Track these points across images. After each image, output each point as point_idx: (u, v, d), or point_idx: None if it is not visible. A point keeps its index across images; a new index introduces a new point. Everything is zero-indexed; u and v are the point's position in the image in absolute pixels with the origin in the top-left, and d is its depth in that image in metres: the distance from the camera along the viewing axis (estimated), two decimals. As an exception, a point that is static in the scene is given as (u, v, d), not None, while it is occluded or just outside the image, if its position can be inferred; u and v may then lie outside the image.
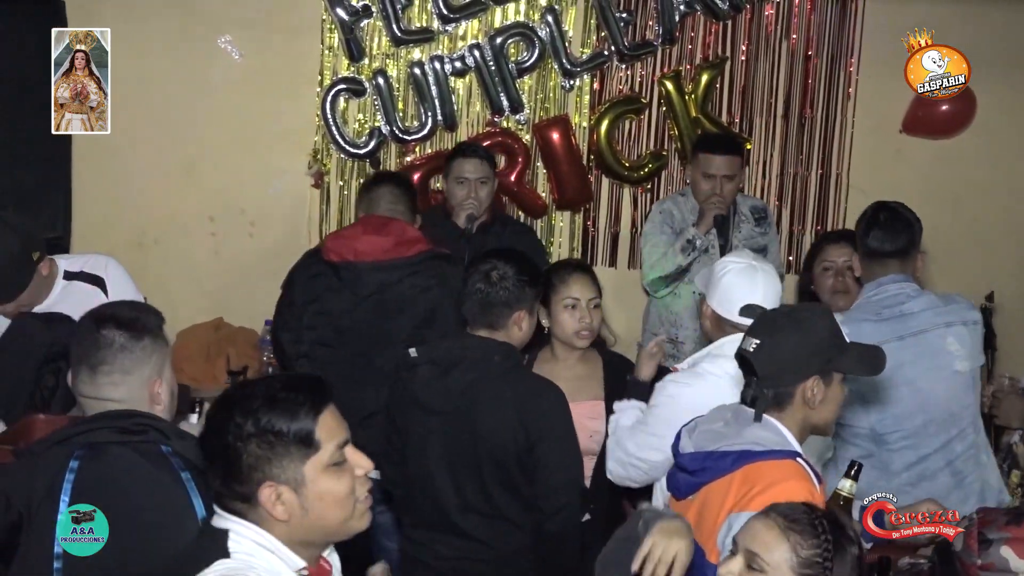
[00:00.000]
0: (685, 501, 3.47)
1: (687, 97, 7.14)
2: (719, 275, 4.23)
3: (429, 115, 6.95)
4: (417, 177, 6.92)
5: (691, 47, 7.17)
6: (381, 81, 6.88)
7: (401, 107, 6.96)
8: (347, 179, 6.95)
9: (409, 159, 7.00)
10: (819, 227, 7.34)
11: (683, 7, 7.08)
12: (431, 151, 7.02)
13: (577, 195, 7.15)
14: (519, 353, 4.34)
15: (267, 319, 6.37)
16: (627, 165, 7.17)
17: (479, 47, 6.94)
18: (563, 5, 6.99)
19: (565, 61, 7.02)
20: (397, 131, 6.94)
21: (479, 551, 4.24)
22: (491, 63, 6.95)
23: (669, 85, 7.12)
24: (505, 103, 7.01)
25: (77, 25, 6.51)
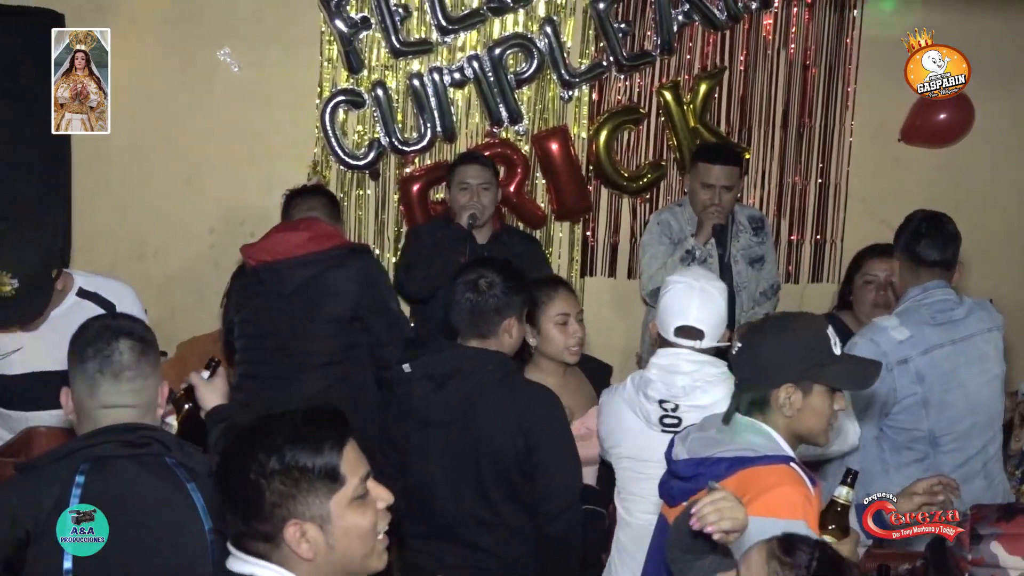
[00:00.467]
0: (679, 508, 3.48)
1: (686, 107, 7.15)
2: (662, 292, 4.29)
3: (428, 126, 6.96)
4: (417, 188, 6.95)
5: (689, 57, 7.19)
6: (380, 92, 6.89)
7: (400, 118, 6.97)
8: (347, 190, 6.95)
9: (408, 170, 7.01)
10: (818, 236, 7.37)
11: (681, 17, 7.09)
12: (430, 162, 7.03)
13: (576, 205, 7.16)
14: (512, 360, 4.35)
15: (267, 330, 6.41)
16: (626, 175, 7.18)
17: (478, 58, 6.95)
18: (561, 16, 7.01)
19: (564, 72, 7.03)
20: (396, 142, 6.95)
21: (483, 559, 4.24)
22: (490, 74, 6.96)
23: (668, 95, 7.14)
24: (504, 114, 7.02)
25: (77, 41, 6.57)
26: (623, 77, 7.14)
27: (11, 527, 3.19)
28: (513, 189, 6.92)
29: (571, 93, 7.09)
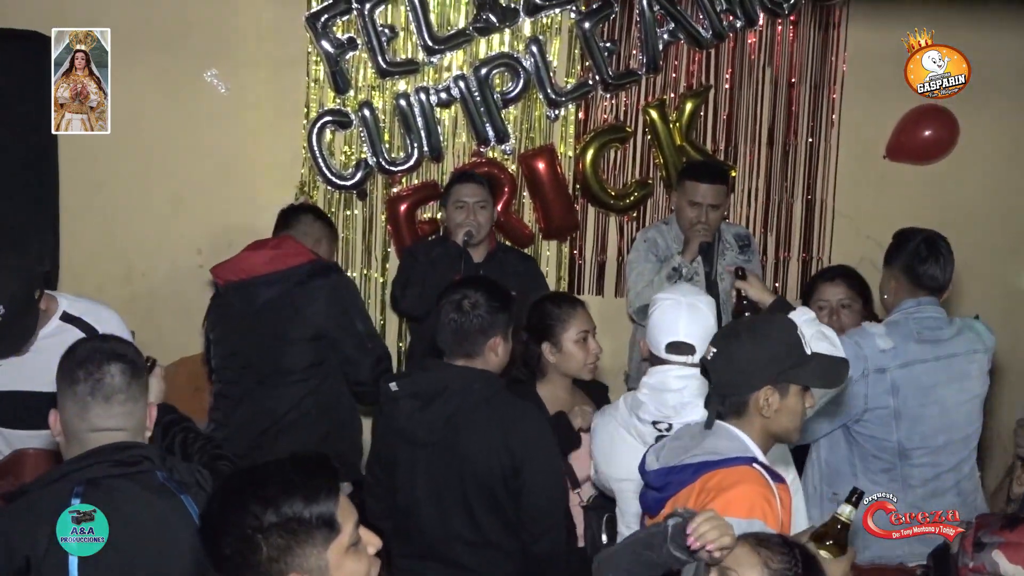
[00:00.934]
0: (657, 519, 3.51)
1: (672, 125, 7.18)
2: (651, 310, 4.32)
3: (415, 146, 6.97)
4: (404, 208, 6.95)
5: (675, 76, 7.21)
6: (367, 113, 6.90)
7: (387, 138, 6.98)
8: (334, 211, 6.93)
9: (396, 190, 7.01)
10: (804, 254, 7.38)
11: (667, 36, 7.12)
12: (417, 182, 7.04)
13: (563, 224, 7.17)
14: (499, 379, 4.36)
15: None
16: (613, 194, 7.20)
17: (464, 78, 6.96)
18: (547, 35, 7.03)
19: (550, 91, 7.05)
20: (383, 162, 6.95)
21: (468, 579, 4.25)
22: (476, 94, 6.97)
23: (654, 114, 7.16)
24: (491, 133, 7.03)
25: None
26: (609, 96, 7.16)
27: (8, 556, 3.18)
28: (500, 208, 6.92)
29: (557, 112, 7.11)
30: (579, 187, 7.20)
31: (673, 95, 7.22)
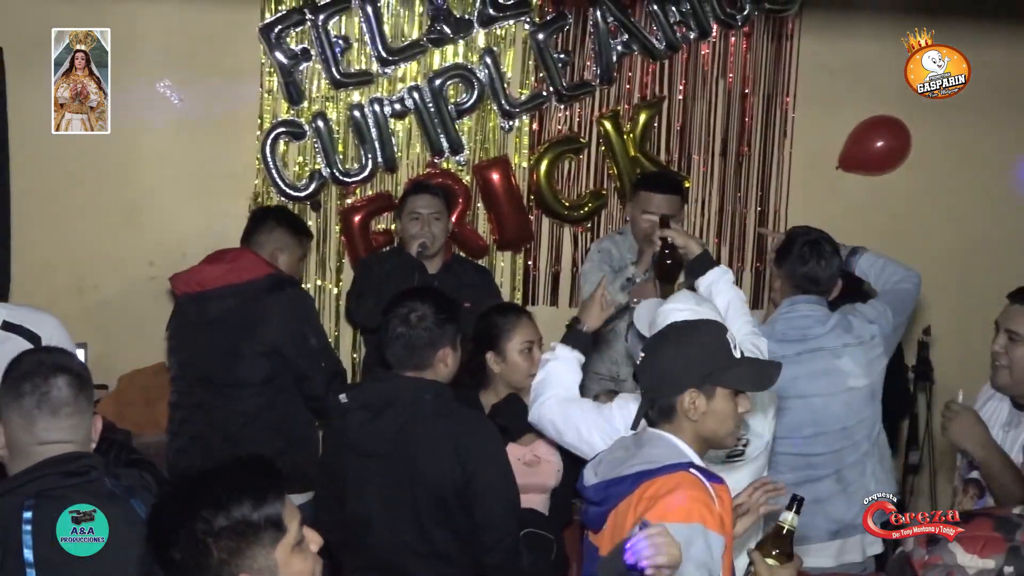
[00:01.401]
0: (600, 534, 3.52)
1: (625, 136, 7.20)
2: (662, 324, 4.25)
3: (369, 157, 6.96)
4: (358, 219, 6.94)
5: (629, 87, 7.24)
6: (321, 124, 6.89)
7: (341, 149, 6.96)
8: (288, 222, 6.91)
9: (350, 201, 7.00)
10: (758, 264, 7.42)
11: (620, 47, 7.15)
12: (372, 193, 7.03)
13: (517, 235, 7.18)
14: (449, 389, 4.34)
15: (208, 363, 6.38)
16: (567, 205, 7.22)
17: (418, 89, 6.96)
18: (501, 47, 7.05)
19: (504, 102, 7.06)
20: (337, 173, 6.94)
21: (420, 592, 4.24)
22: (430, 105, 6.98)
23: (607, 125, 7.19)
24: (445, 144, 7.04)
25: (16, 75, 6.52)
26: (563, 107, 7.18)
27: None
28: (455, 219, 6.92)
29: (511, 123, 7.12)
30: (533, 198, 7.21)
31: (627, 106, 7.25)
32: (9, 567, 3.13)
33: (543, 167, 7.14)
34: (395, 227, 6.66)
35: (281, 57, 6.80)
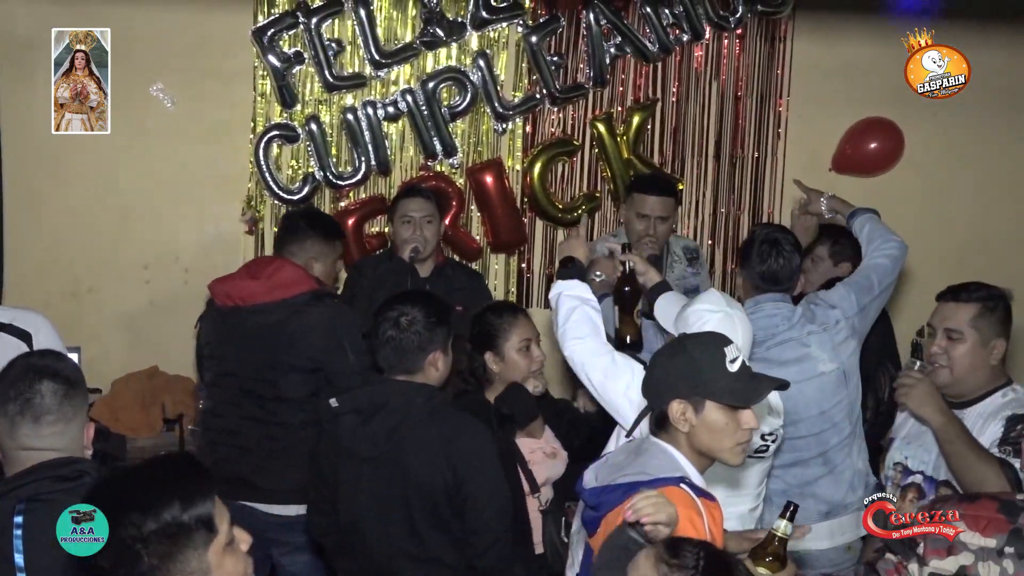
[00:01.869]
0: (595, 537, 3.52)
1: (619, 139, 7.21)
2: (695, 322, 4.24)
3: (362, 160, 6.97)
4: (352, 222, 6.93)
5: (622, 89, 7.25)
6: (314, 127, 6.89)
7: (334, 152, 6.97)
8: (282, 225, 6.92)
9: (343, 204, 7.00)
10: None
11: (613, 50, 7.16)
12: (365, 196, 7.03)
13: (511, 237, 7.19)
14: (440, 392, 4.34)
15: (202, 367, 6.37)
16: (561, 207, 7.22)
17: (412, 92, 6.97)
18: (494, 49, 7.05)
19: (497, 105, 7.07)
20: (331, 176, 6.94)
21: (412, 595, 4.24)
22: (424, 108, 6.98)
23: (601, 127, 7.20)
24: (438, 147, 7.04)
25: (9, 79, 6.52)
26: (556, 110, 7.19)
27: None
28: (448, 222, 6.92)
29: (505, 126, 7.13)
30: (527, 200, 7.22)
31: (620, 108, 7.26)
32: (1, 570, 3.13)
33: (537, 169, 7.15)
34: (388, 230, 6.66)
35: (274, 60, 6.80)
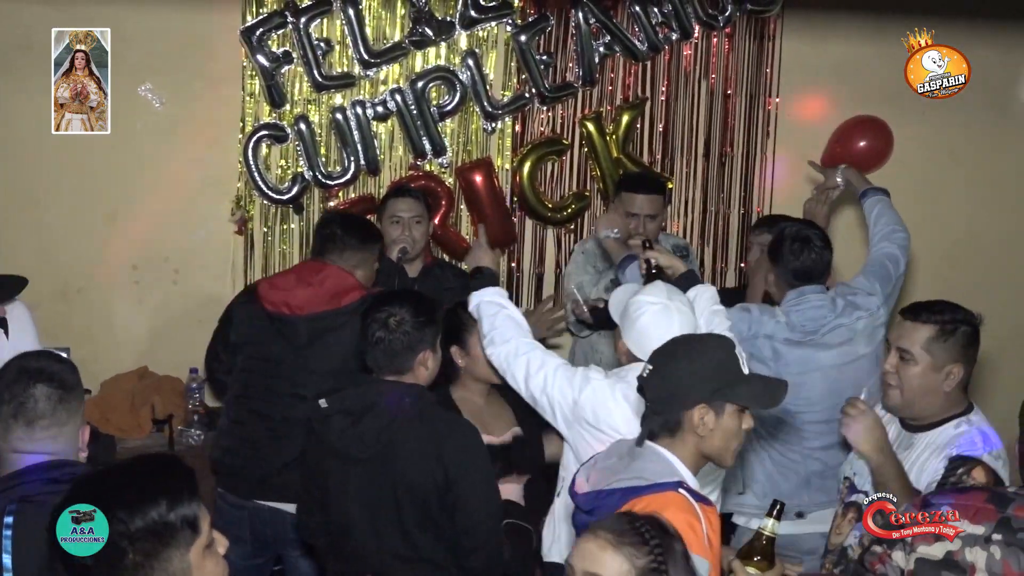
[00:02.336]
0: None
1: (608, 138, 7.21)
2: (635, 315, 4.26)
3: (352, 160, 6.96)
4: (341, 222, 6.92)
5: (611, 88, 7.25)
6: (303, 127, 6.88)
7: (324, 152, 6.95)
8: (271, 225, 6.92)
9: (332, 204, 6.98)
10: (742, 264, 7.41)
11: (602, 49, 7.16)
12: (354, 196, 7.02)
13: (501, 237, 7.17)
14: (429, 393, 4.34)
15: (192, 367, 6.37)
16: (550, 206, 7.22)
17: (400, 91, 6.96)
18: (483, 49, 7.05)
19: (486, 104, 7.06)
20: (320, 176, 6.93)
21: (403, 595, 4.23)
22: (413, 107, 6.97)
23: (590, 126, 7.20)
24: (427, 146, 7.03)
25: (8, 79, 6.50)
26: (546, 109, 7.19)
27: None
28: (437, 221, 6.91)
29: (494, 125, 7.12)
30: (516, 200, 7.22)
31: (609, 107, 7.26)
32: None
33: (526, 169, 7.15)
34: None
35: (263, 60, 6.78)
